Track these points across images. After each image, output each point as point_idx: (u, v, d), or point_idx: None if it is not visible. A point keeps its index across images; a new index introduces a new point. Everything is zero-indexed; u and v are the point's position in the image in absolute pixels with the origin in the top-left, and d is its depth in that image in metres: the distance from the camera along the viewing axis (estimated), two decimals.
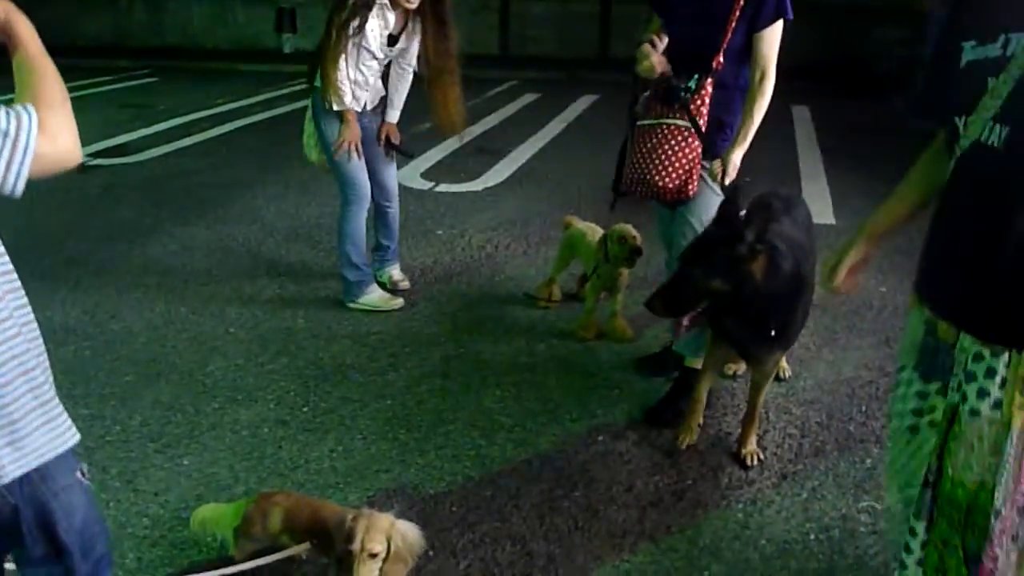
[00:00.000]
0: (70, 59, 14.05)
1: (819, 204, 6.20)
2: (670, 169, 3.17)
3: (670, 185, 3.19)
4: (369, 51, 4.09)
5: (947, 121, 1.70)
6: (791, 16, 3.08)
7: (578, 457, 3.24)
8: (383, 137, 4.46)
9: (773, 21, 3.07)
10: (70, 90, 1.73)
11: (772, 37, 3.10)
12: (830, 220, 5.88)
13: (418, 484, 3.06)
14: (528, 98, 11.08)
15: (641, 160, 3.25)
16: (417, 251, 5.37)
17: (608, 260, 4.06)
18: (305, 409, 3.55)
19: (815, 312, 4.29)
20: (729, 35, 3.08)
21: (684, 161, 3.16)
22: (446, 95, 4.30)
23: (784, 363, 3.80)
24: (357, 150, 4.24)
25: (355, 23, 3.97)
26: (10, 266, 1.69)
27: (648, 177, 3.22)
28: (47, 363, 1.76)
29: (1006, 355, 1.62)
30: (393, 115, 4.48)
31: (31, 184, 1.54)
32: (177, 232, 5.73)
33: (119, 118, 9.49)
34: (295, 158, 4.59)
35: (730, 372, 3.78)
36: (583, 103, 10.54)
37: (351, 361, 3.96)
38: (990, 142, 1.58)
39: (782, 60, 3.16)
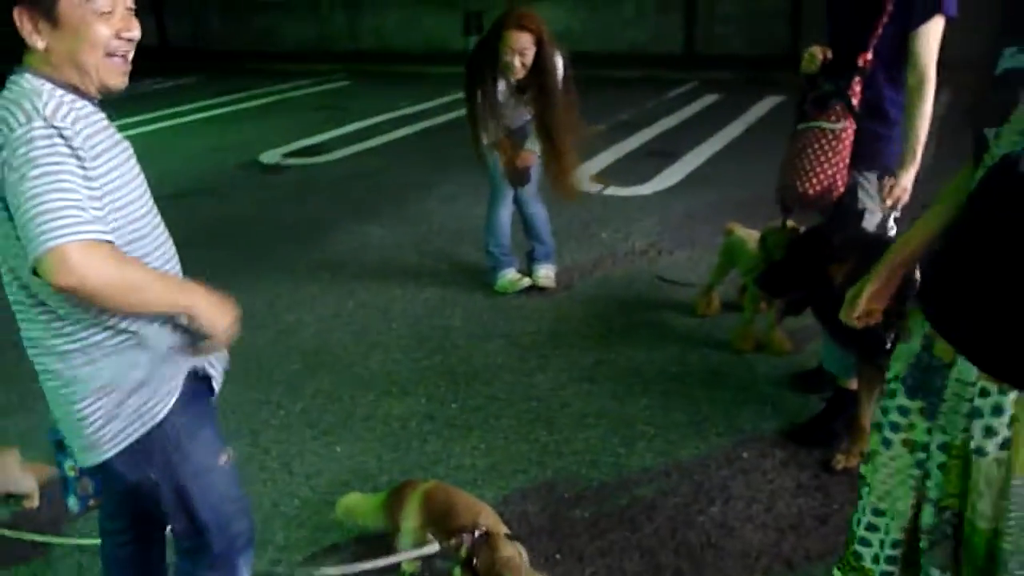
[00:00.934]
0: (275, 63, 15.17)
1: None
2: (811, 175, 3.02)
3: (810, 192, 3.04)
4: (502, 102, 4.40)
5: (976, 130, 1.57)
6: (954, 13, 2.85)
7: (719, 472, 3.16)
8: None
9: (927, 18, 2.84)
10: (276, 92, 1.72)
11: (928, 36, 2.87)
12: None
13: (553, 486, 3.09)
14: (709, 99, 10.85)
15: (787, 164, 3.13)
16: (579, 253, 5.40)
17: (771, 259, 3.90)
18: (453, 405, 3.66)
19: None
20: (879, 31, 2.89)
21: (827, 166, 3.00)
22: (554, 161, 4.41)
23: None
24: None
25: (482, 92, 4.34)
26: None
27: (791, 182, 3.09)
28: None
29: (1014, 392, 1.50)
30: (533, 145, 4.57)
31: (227, 182, 1.64)
32: (354, 229, 6.05)
33: (314, 120, 10.11)
34: (469, 160, 4.75)
35: None
36: (767, 104, 10.18)
37: (502, 361, 4.05)
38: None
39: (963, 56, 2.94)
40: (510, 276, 4.84)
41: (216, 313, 1.76)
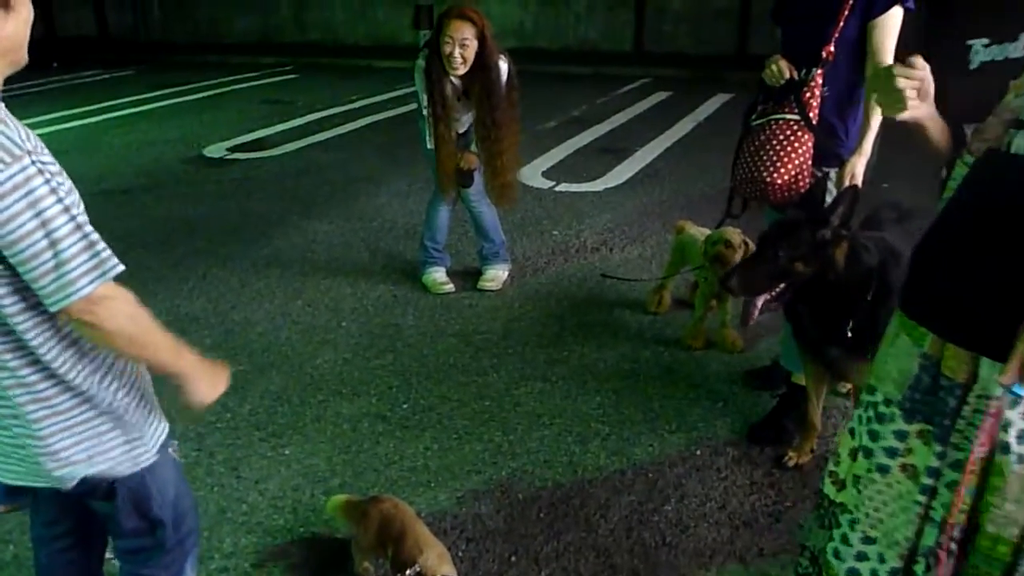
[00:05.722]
0: (220, 56, 14.88)
1: None
2: (779, 164, 3.00)
3: (779, 181, 3.02)
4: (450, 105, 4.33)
5: (954, 127, 1.56)
6: (911, 5, 2.89)
7: (673, 470, 3.15)
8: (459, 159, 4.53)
9: (888, 8, 2.88)
10: (220, 85, 1.62)
11: (887, 27, 2.90)
12: None
13: (508, 487, 3.05)
14: (659, 96, 10.91)
15: (750, 157, 3.10)
16: (531, 251, 5.38)
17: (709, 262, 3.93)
18: (405, 406, 3.61)
19: None
20: (841, 24, 2.91)
21: (794, 156, 2.99)
22: (492, 163, 4.39)
23: None
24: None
25: (435, 94, 4.25)
26: None
27: (756, 174, 3.06)
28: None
29: None
30: (476, 147, 4.54)
31: (169, 177, 1.57)
32: (302, 226, 5.94)
33: (259, 113, 9.93)
34: (420, 154, 4.70)
35: (844, 390, 3.60)
36: (716, 102, 10.28)
37: (454, 360, 4.00)
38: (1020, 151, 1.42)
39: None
40: (436, 276, 4.81)
41: (207, 385, 1.75)
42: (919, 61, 1.56)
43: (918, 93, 1.59)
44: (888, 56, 2.94)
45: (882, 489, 1.73)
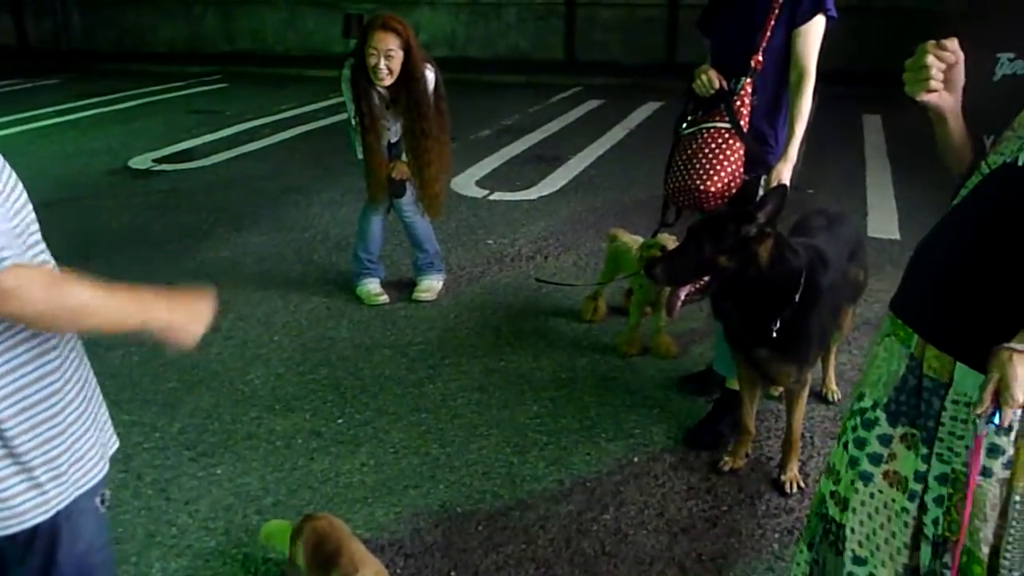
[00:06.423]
0: (146, 64, 14.53)
1: (884, 217, 5.99)
2: (712, 173, 3.04)
3: (712, 189, 3.05)
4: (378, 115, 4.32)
5: (973, 137, 1.57)
6: (834, 14, 2.97)
7: (611, 478, 3.16)
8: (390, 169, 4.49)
9: (811, 16, 2.97)
10: (146, 95, 1.51)
11: (811, 34, 2.99)
12: (895, 235, 5.67)
13: (446, 501, 3.02)
14: (591, 104, 10.98)
15: (683, 166, 3.13)
16: (466, 260, 5.35)
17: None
18: (340, 421, 3.55)
19: (868, 331, 4.14)
20: (768, 33, 2.97)
21: (727, 163, 3.03)
22: (421, 173, 4.37)
23: (833, 385, 3.67)
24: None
25: (362, 105, 4.24)
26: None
27: (690, 183, 3.09)
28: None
29: (1020, 409, 1.46)
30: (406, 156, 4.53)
31: (92, 189, 1.48)
32: (232, 238, 5.82)
33: (186, 124, 9.72)
34: (352, 164, 4.64)
35: (776, 393, 3.66)
36: (647, 110, 10.39)
37: (390, 372, 3.95)
38: None
39: (851, 67, 3.06)
40: (370, 287, 4.77)
41: (187, 323, 1.62)
42: (952, 44, 1.53)
43: (944, 78, 1.54)
44: (811, 62, 3.02)
45: (865, 500, 1.69)
